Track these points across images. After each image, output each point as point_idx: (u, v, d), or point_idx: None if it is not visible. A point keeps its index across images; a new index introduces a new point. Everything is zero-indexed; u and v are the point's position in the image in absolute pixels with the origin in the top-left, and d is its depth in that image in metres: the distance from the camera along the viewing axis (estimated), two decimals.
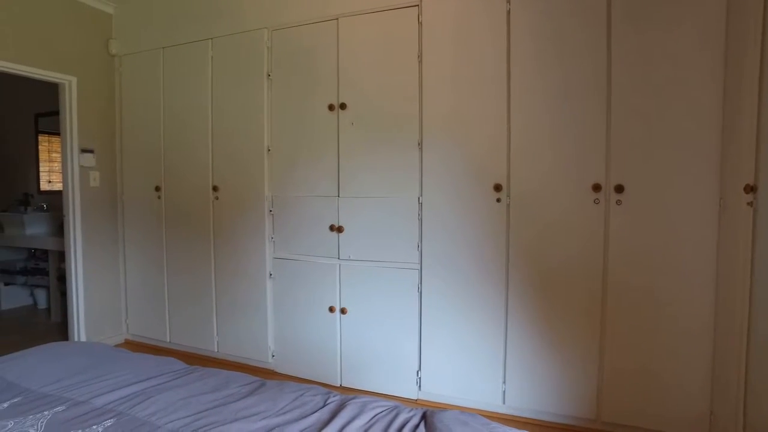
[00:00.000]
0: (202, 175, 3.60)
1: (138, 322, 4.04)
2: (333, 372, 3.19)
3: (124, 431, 1.47)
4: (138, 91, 3.93)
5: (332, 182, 3.14)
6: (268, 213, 3.36)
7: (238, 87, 3.44)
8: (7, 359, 2.04)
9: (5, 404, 1.66)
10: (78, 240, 3.80)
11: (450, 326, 2.85)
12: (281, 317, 3.37)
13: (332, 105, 3.11)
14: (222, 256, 3.55)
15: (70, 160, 3.77)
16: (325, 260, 3.18)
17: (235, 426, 1.46)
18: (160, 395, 1.68)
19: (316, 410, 1.56)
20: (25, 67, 3.48)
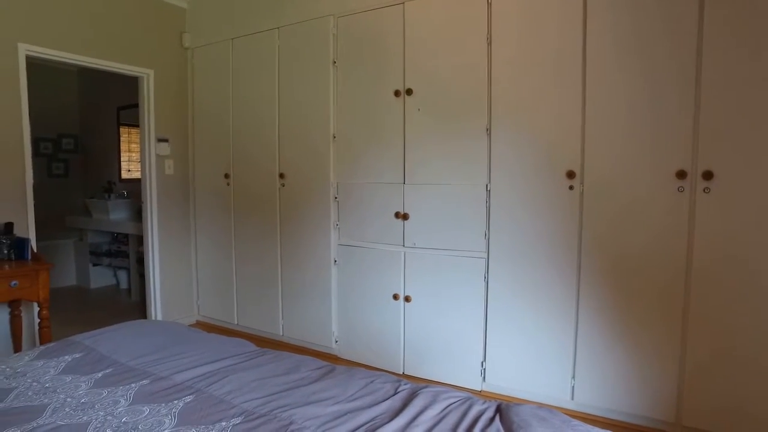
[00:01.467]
0: (269, 162, 3.68)
1: (208, 304, 4.22)
2: (396, 359, 3.19)
3: (202, 407, 1.52)
4: (209, 81, 4.07)
5: (398, 169, 3.11)
6: (334, 200, 3.39)
7: (305, 75, 3.47)
8: (98, 333, 2.18)
9: (99, 374, 1.78)
10: (154, 225, 4.01)
11: (517, 317, 2.76)
12: (345, 303, 3.40)
13: (398, 91, 3.07)
14: (288, 241, 3.63)
15: (147, 149, 3.97)
16: (389, 247, 3.17)
17: (307, 409, 1.48)
18: (235, 375, 1.73)
19: (386, 398, 1.55)
20: (109, 62, 3.69)
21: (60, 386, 1.69)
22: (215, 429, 1.39)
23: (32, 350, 2.03)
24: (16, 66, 3.20)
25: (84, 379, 1.75)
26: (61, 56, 3.44)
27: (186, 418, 1.47)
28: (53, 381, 1.73)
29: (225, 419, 1.45)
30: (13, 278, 2.88)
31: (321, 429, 1.37)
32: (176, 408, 1.52)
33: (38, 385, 1.70)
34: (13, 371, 1.82)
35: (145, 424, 1.44)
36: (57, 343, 2.10)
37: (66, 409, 1.53)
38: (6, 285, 2.85)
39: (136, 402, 1.57)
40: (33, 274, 2.97)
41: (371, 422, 1.41)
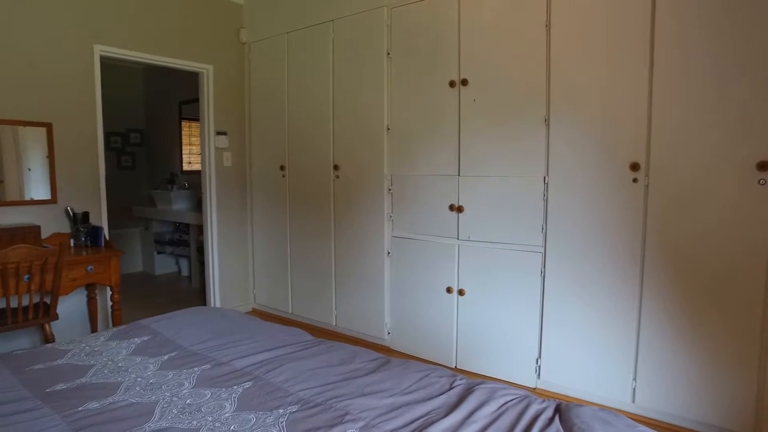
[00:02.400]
0: (324, 154, 3.72)
1: (264, 293, 4.35)
2: (448, 353, 3.16)
3: (260, 394, 1.57)
4: (265, 75, 4.16)
5: (452, 161, 3.07)
6: (388, 192, 3.39)
7: (359, 67, 3.47)
8: (163, 318, 2.29)
9: (165, 357, 1.87)
10: (213, 215, 4.17)
11: (574, 315, 2.67)
12: (398, 295, 3.40)
13: (453, 81, 3.02)
14: (342, 233, 3.67)
15: (207, 141, 4.12)
16: (443, 240, 3.14)
17: (362, 401, 1.49)
18: (291, 363, 1.77)
19: (442, 392, 1.53)
20: (172, 59, 3.85)
21: (131, 366, 1.79)
22: (273, 416, 1.43)
23: (106, 331, 2.16)
24: (91, 66, 3.40)
25: (152, 360, 1.84)
26: (130, 55, 3.62)
27: (245, 403, 1.51)
28: (125, 361, 1.84)
29: (282, 406, 1.48)
30: (90, 263, 3.08)
31: (376, 421, 1.38)
32: (236, 393, 1.57)
33: (113, 364, 1.81)
34: (92, 350, 1.94)
35: (208, 406, 1.49)
36: (127, 326, 2.22)
37: (137, 387, 1.62)
38: (84, 270, 3.05)
39: (199, 385, 1.64)
40: (106, 260, 3.16)
41: (426, 416, 1.40)
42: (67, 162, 3.33)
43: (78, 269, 3.03)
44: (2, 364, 1.81)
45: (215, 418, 1.42)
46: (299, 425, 1.37)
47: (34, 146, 3.21)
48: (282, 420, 1.40)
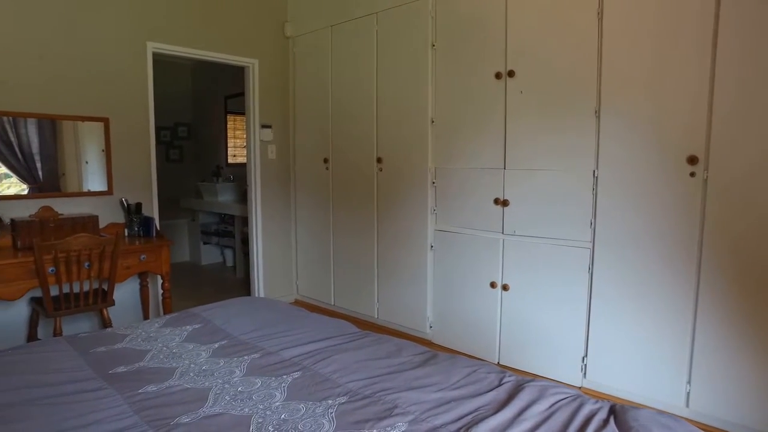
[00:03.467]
0: (367, 147, 3.73)
1: (306, 284, 4.42)
2: (491, 348, 3.12)
3: (309, 384, 1.59)
4: (309, 69, 4.20)
5: (498, 154, 3.01)
6: (431, 185, 3.37)
7: (403, 59, 3.45)
8: (212, 307, 2.37)
9: (216, 345, 1.93)
10: (258, 207, 4.25)
11: (624, 313, 2.58)
12: (440, 289, 3.38)
13: (499, 73, 2.96)
14: (384, 225, 3.67)
15: (252, 135, 4.20)
16: (488, 234, 3.09)
17: (410, 394, 1.49)
18: (339, 355, 1.79)
19: (491, 389, 1.52)
20: (219, 54, 3.94)
21: (184, 353, 1.86)
22: (322, 406, 1.45)
23: (160, 318, 2.25)
24: (145, 63, 3.53)
25: (203, 348, 1.90)
26: (180, 51, 3.73)
27: (294, 393, 1.54)
28: (179, 347, 1.91)
29: (331, 397, 1.50)
30: (143, 252, 3.20)
31: (425, 415, 1.37)
32: (285, 383, 1.60)
33: (167, 350, 1.88)
34: (147, 335, 2.03)
35: (259, 395, 1.53)
36: (179, 314, 2.30)
37: (190, 374, 1.68)
38: (137, 258, 3.18)
39: (249, 374, 1.68)
40: (157, 250, 3.28)
41: (476, 412, 1.39)
42: (121, 155, 3.47)
43: (132, 258, 3.16)
44: (70, 346, 1.91)
45: (266, 406, 1.46)
46: (348, 417, 1.38)
47: (91, 140, 3.36)
48: (331, 411, 1.42)
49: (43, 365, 1.75)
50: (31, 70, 3.06)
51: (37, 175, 3.18)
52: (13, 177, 3.09)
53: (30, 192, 3.14)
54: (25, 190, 3.13)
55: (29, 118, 3.09)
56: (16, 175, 3.10)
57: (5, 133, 3.02)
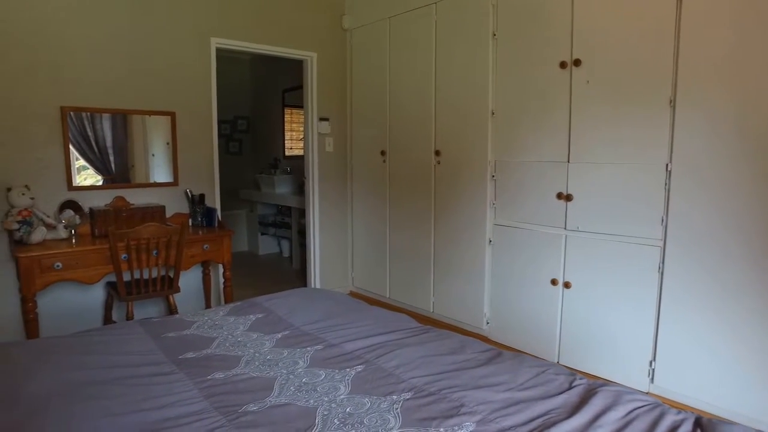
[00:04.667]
0: (425, 140, 3.68)
1: (362, 276, 4.44)
2: (550, 347, 3.03)
3: (373, 378, 1.59)
4: (366, 61, 4.19)
5: (562, 147, 2.90)
6: (491, 178, 3.29)
7: (462, 50, 3.38)
8: (274, 297, 2.41)
9: (279, 335, 1.97)
10: (315, 199, 4.30)
11: (699, 316, 2.42)
12: (498, 285, 3.31)
13: (564, 62, 2.83)
14: (442, 219, 3.63)
15: (310, 127, 4.25)
16: (549, 230, 2.99)
17: (477, 393, 1.45)
18: (401, 350, 1.77)
19: (561, 391, 1.46)
20: (279, 48, 3.99)
21: (249, 341, 1.90)
22: (387, 401, 1.44)
23: (224, 307, 2.32)
24: (208, 58, 3.63)
25: (267, 338, 1.94)
26: (242, 46, 3.81)
27: (358, 386, 1.54)
28: (243, 336, 1.96)
29: (395, 393, 1.49)
30: (205, 242, 3.32)
31: (493, 416, 1.34)
32: (349, 376, 1.61)
33: (233, 338, 1.93)
34: (213, 323, 2.09)
35: (323, 387, 1.54)
36: (243, 303, 2.36)
37: (255, 362, 1.72)
38: (200, 248, 3.29)
39: (313, 365, 1.69)
40: (219, 240, 3.38)
41: (547, 415, 1.33)
42: (186, 147, 3.60)
43: (195, 247, 3.28)
44: (143, 329, 2.00)
45: (331, 399, 1.46)
46: (414, 413, 1.36)
47: (157, 134, 3.50)
48: (396, 406, 1.40)
49: (121, 347, 1.84)
50: (105, 68, 3.21)
51: (110, 167, 3.35)
52: (89, 169, 3.26)
53: (104, 183, 3.32)
54: (99, 181, 3.30)
55: (104, 114, 3.25)
56: (92, 167, 3.27)
57: (83, 128, 3.19)
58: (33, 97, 2.97)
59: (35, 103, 2.99)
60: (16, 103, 2.92)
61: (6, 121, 2.90)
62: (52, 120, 3.05)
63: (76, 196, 3.17)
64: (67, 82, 3.08)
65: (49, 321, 2.99)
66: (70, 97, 3.10)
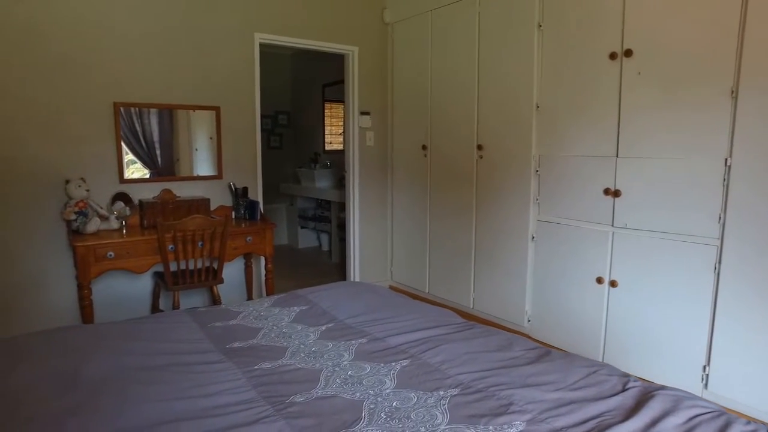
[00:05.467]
0: (467, 134, 3.63)
1: (401, 271, 4.43)
2: (595, 347, 2.94)
3: (418, 373, 1.58)
4: (407, 55, 4.16)
5: (610, 141, 2.80)
6: (534, 173, 3.21)
7: (506, 42, 3.31)
8: (317, 290, 2.43)
9: (323, 327, 1.98)
10: (356, 193, 4.32)
11: (758, 319, 2.29)
12: (541, 282, 3.24)
13: (614, 53, 2.73)
14: (483, 214, 3.57)
15: (351, 122, 4.25)
16: (595, 226, 2.90)
17: (526, 392, 1.42)
18: (446, 345, 1.75)
19: (615, 393, 1.40)
20: (321, 42, 4.02)
21: (293, 333, 1.92)
22: (433, 397, 1.42)
23: (268, 298, 2.35)
24: (252, 54, 3.69)
25: (311, 330, 1.96)
26: (285, 41, 3.85)
27: (404, 381, 1.53)
28: (288, 327, 1.98)
29: (442, 389, 1.47)
30: (248, 234, 3.38)
31: (544, 415, 1.30)
32: (394, 370, 1.60)
33: (278, 329, 1.96)
34: (258, 314, 2.13)
35: (369, 380, 1.54)
36: (287, 295, 2.39)
37: (301, 354, 1.73)
38: (243, 240, 3.36)
39: (358, 358, 1.69)
40: (261, 232, 3.44)
41: (600, 417, 1.29)
42: (230, 141, 3.67)
43: (238, 239, 3.34)
44: (191, 318, 2.05)
45: (377, 392, 1.46)
46: (462, 410, 1.34)
47: (201, 129, 3.58)
48: (444, 402, 1.39)
49: (170, 335, 1.89)
50: (155, 65, 3.30)
51: (157, 161, 3.45)
52: (137, 163, 3.37)
53: (150, 176, 3.42)
54: (146, 174, 3.41)
55: (152, 109, 3.35)
56: (140, 161, 3.38)
57: (132, 124, 3.30)
58: (89, 93, 3.09)
59: (91, 100, 3.11)
60: (75, 100, 3.05)
61: (65, 117, 3.03)
62: (105, 116, 3.17)
63: (127, 189, 3.29)
64: (119, 79, 3.19)
65: (101, 308, 3.11)
66: (121, 93, 3.21)
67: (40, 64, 2.92)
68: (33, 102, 2.92)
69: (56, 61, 2.97)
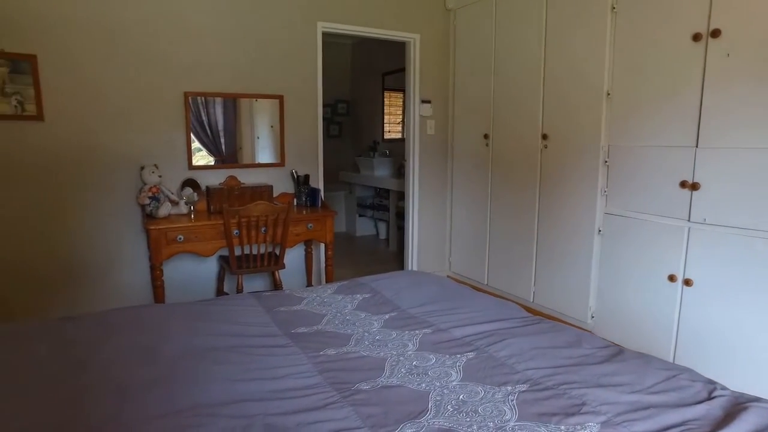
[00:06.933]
0: (532, 123, 3.52)
1: (459, 261, 4.39)
2: (664, 349, 2.78)
3: (485, 367, 1.55)
4: (470, 42, 4.06)
5: (688, 130, 2.62)
6: (603, 164, 3.07)
7: (575, 27, 3.16)
8: (378, 278, 2.44)
9: (386, 316, 1.98)
10: (415, 182, 4.29)
11: None
12: (607, 277, 3.10)
13: (698, 34, 2.53)
14: (546, 205, 3.46)
15: (412, 110, 4.22)
16: (669, 221, 2.73)
17: (599, 392, 1.36)
18: (513, 339, 1.71)
19: (699, 401, 1.31)
20: (382, 30, 3.99)
21: (357, 320, 1.94)
22: (501, 392, 1.39)
23: (331, 285, 2.38)
24: (315, 42, 3.72)
25: (375, 318, 1.96)
26: (346, 29, 3.85)
27: (470, 374, 1.50)
28: (351, 315, 2.00)
29: (510, 384, 1.44)
30: (309, 221, 3.44)
31: (620, 419, 1.24)
32: (460, 362, 1.58)
33: (341, 316, 1.98)
34: (322, 300, 2.16)
35: (434, 371, 1.52)
36: (349, 282, 2.41)
37: (365, 342, 1.74)
38: (305, 227, 3.42)
39: (422, 349, 1.68)
40: (322, 219, 3.49)
41: (683, 426, 1.21)
42: (292, 129, 3.73)
43: (300, 226, 3.41)
44: (257, 302, 2.11)
45: (443, 384, 1.44)
46: (531, 407, 1.31)
47: (262, 118, 3.66)
48: (512, 398, 1.35)
49: (238, 317, 1.95)
50: (222, 55, 3.40)
51: (221, 149, 3.56)
52: (203, 150, 3.50)
53: (215, 163, 3.54)
54: (211, 161, 3.53)
55: (217, 98, 3.46)
56: (205, 148, 3.50)
57: (198, 113, 3.42)
58: (162, 84, 3.24)
59: (164, 90, 3.25)
60: (149, 91, 3.20)
61: (140, 107, 3.18)
62: (177, 105, 3.30)
63: (194, 175, 3.42)
64: (189, 70, 3.31)
65: (169, 288, 3.27)
66: (191, 84, 3.33)
67: (117, 58, 3.08)
68: (112, 93, 3.09)
69: (132, 55, 3.12)
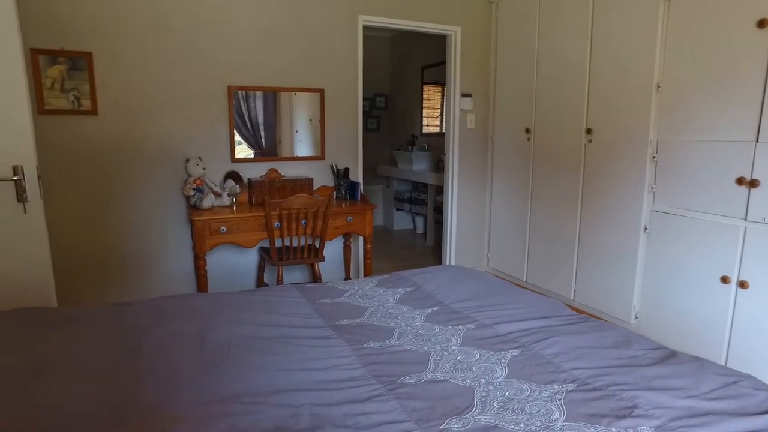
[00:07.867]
0: (575, 117, 3.43)
1: (498, 257, 4.33)
2: (715, 353, 2.67)
3: (530, 364, 1.52)
4: (512, 35, 3.99)
5: (749, 124, 2.49)
6: (651, 159, 2.96)
7: (624, 15, 3.05)
8: (422, 272, 2.43)
9: (428, 310, 1.98)
10: (454, 177, 4.26)
11: None
12: (652, 277, 3.00)
13: (764, 20, 2.40)
14: (590, 202, 3.37)
15: (452, 104, 4.18)
16: (723, 219, 2.62)
17: (651, 395, 1.31)
18: (558, 337, 1.68)
19: (763, 411, 1.25)
20: (423, 23, 3.96)
21: (400, 314, 1.94)
22: (548, 391, 1.37)
23: (372, 278, 2.39)
24: (356, 36, 3.73)
25: (417, 312, 1.96)
26: (388, 23, 3.84)
27: (516, 371, 1.48)
28: (394, 308, 2.00)
29: (556, 382, 1.41)
30: (349, 215, 3.46)
31: (675, 424, 1.20)
32: (504, 359, 1.56)
33: (383, 309, 1.99)
34: (364, 293, 2.17)
35: (479, 367, 1.51)
36: (390, 276, 2.42)
37: (408, 336, 1.74)
38: (344, 220, 3.45)
39: (466, 344, 1.67)
40: (362, 213, 3.51)
41: None
42: (332, 123, 3.76)
43: (340, 219, 3.43)
44: (300, 294, 2.14)
45: (488, 381, 1.43)
46: (580, 407, 1.28)
47: (301, 111, 3.70)
48: (559, 397, 1.33)
49: (282, 308, 1.98)
50: (265, 49, 3.45)
51: (261, 142, 3.62)
52: (243, 144, 3.56)
53: (255, 156, 3.60)
54: (251, 154, 3.59)
55: (257, 93, 3.51)
56: (245, 142, 3.57)
57: (239, 107, 3.48)
58: (207, 78, 3.31)
59: (209, 84, 3.32)
60: (195, 85, 3.28)
61: (186, 101, 3.27)
62: (220, 99, 3.38)
63: (236, 168, 3.49)
64: (232, 64, 3.37)
65: (212, 278, 3.36)
66: (234, 78, 3.39)
67: (164, 54, 3.17)
68: (159, 88, 3.18)
69: (179, 50, 3.20)
